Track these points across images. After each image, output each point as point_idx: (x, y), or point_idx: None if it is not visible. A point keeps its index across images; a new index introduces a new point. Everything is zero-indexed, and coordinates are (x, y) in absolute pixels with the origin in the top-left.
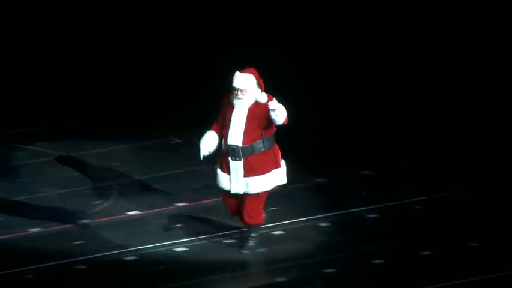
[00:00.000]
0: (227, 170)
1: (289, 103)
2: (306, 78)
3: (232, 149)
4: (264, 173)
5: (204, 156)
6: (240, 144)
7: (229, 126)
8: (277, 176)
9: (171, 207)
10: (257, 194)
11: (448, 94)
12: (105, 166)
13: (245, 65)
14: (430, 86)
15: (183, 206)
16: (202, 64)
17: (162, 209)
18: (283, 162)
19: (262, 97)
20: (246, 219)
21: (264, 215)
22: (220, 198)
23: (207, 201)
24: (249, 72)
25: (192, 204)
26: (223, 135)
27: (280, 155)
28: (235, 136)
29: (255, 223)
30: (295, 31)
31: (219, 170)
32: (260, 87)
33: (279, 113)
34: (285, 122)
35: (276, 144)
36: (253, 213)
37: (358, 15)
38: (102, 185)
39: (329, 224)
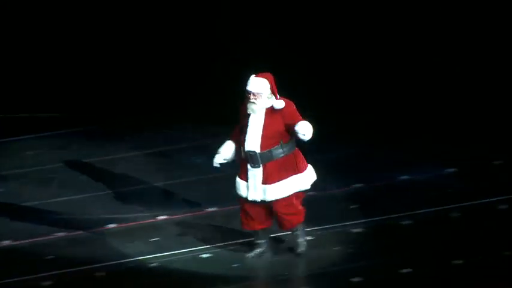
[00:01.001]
0: (245, 177)
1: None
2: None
3: (250, 155)
4: (281, 180)
5: (218, 165)
6: (258, 150)
7: (246, 132)
8: (298, 182)
9: (195, 213)
10: (281, 199)
11: None
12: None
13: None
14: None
15: (206, 212)
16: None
17: (188, 214)
18: (309, 167)
19: (279, 103)
20: (286, 223)
21: (303, 211)
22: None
23: (229, 208)
24: (264, 77)
25: (215, 210)
26: (241, 141)
27: (303, 159)
28: (253, 142)
29: (296, 224)
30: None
31: (237, 178)
32: (274, 93)
33: (307, 134)
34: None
35: (296, 148)
36: (291, 215)
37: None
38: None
39: (364, 229)
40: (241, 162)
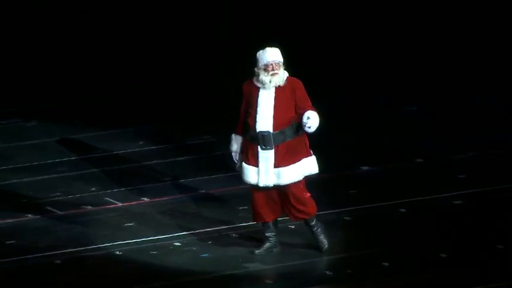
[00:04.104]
0: (254, 162)
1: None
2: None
3: (263, 135)
4: (295, 162)
5: (238, 161)
6: (271, 130)
7: (256, 113)
8: (309, 165)
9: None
10: (295, 184)
11: None
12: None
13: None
14: None
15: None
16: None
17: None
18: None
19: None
20: (298, 213)
21: (313, 201)
22: (225, 189)
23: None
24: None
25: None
26: (249, 123)
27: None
28: (265, 122)
29: (309, 215)
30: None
31: (244, 164)
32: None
33: (312, 127)
34: None
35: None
36: (302, 205)
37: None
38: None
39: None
40: (247, 147)
